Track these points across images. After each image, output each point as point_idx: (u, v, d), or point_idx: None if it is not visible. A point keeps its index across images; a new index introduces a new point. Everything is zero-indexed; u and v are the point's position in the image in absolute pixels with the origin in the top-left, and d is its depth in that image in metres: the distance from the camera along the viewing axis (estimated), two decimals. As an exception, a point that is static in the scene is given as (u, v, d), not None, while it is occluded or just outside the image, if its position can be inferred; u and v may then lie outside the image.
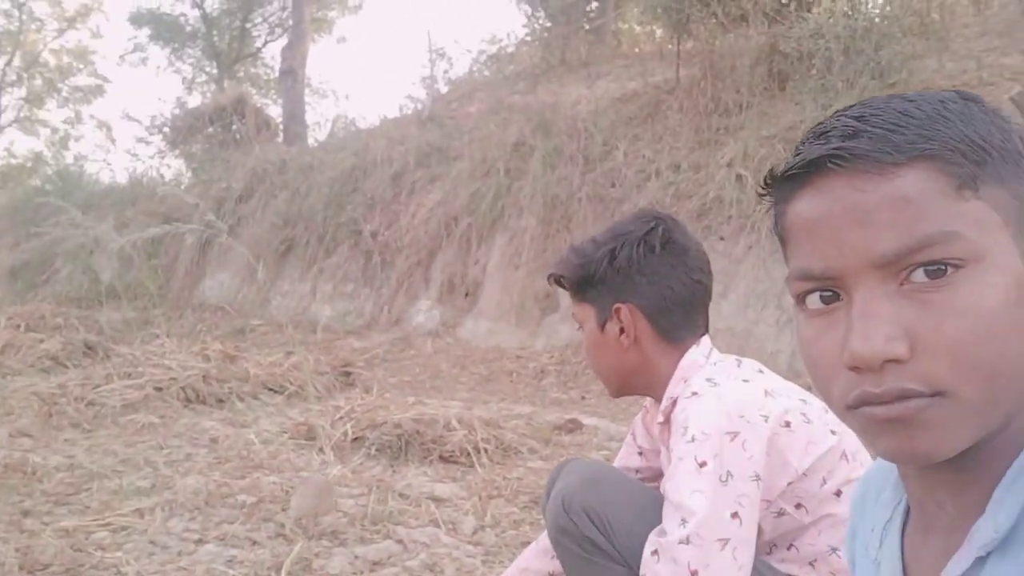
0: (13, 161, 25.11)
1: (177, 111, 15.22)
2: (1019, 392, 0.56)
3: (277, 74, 19.93)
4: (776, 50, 7.13)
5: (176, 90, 27.61)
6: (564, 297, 6.62)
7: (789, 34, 6.73)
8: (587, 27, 12.17)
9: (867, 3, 7.15)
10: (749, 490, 1.18)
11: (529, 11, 14.02)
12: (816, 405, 1.33)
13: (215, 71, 21.04)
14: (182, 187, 11.43)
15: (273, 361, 5.40)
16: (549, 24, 13.00)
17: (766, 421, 1.23)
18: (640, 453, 1.64)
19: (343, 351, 6.62)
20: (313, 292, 8.54)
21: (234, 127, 12.61)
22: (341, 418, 3.85)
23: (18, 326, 7.09)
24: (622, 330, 1.41)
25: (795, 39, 6.59)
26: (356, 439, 3.65)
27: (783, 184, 0.62)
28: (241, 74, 21.41)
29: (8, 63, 24.48)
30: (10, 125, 25.25)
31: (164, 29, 20.30)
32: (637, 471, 1.64)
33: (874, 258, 0.56)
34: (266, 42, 21.63)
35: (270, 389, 4.99)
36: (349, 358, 6.03)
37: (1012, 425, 0.58)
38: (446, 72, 13.86)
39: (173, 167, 14.74)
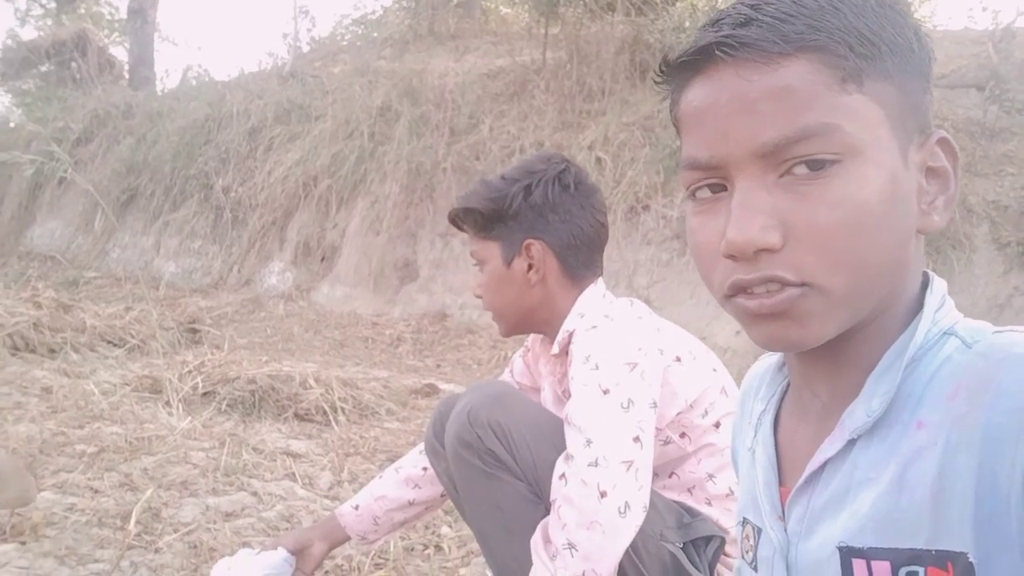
0: None
1: (10, 43, 13.91)
2: (888, 284, 0.60)
3: (123, 14, 18.63)
4: (640, 40, 7.39)
5: (7, 21, 25.17)
6: (424, 266, 6.66)
7: (653, 26, 6.99)
8: (455, 1, 12.12)
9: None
10: (647, 416, 1.24)
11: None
12: (699, 346, 1.43)
13: (52, 5, 19.34)
14: (11, 126, 10.49)
15: (112, 313, 5.09)
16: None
17: (661, 354, 1.31)
18: (520, 385, 1.69)
19: (189, 308, 6.34)
20: (157, 246, 8.10)
21: (74, 65, 11.66)
22: (190, 372, 3.70)
23: None
24: (530, 266, 1.43)
25: (658, 31, 6.85)
26: (206, 394, 3.52)
27: (677, 72, 0.62)
28: (82, 10, 19.79)
29: None
30: None
31: (-7, -48, 18.46)
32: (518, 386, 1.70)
33: (755, 148, 0.57)
34: (111, -22, 20.11)
35: (109, 342, 4.72)
36: (195, 315, 5.78)
37: (885, 315, 0.62)
38: (309, 31, 13.44)
39: (2, 103, 13.50)
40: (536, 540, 1.24)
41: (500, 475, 1.35)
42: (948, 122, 5.54)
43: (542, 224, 1.43)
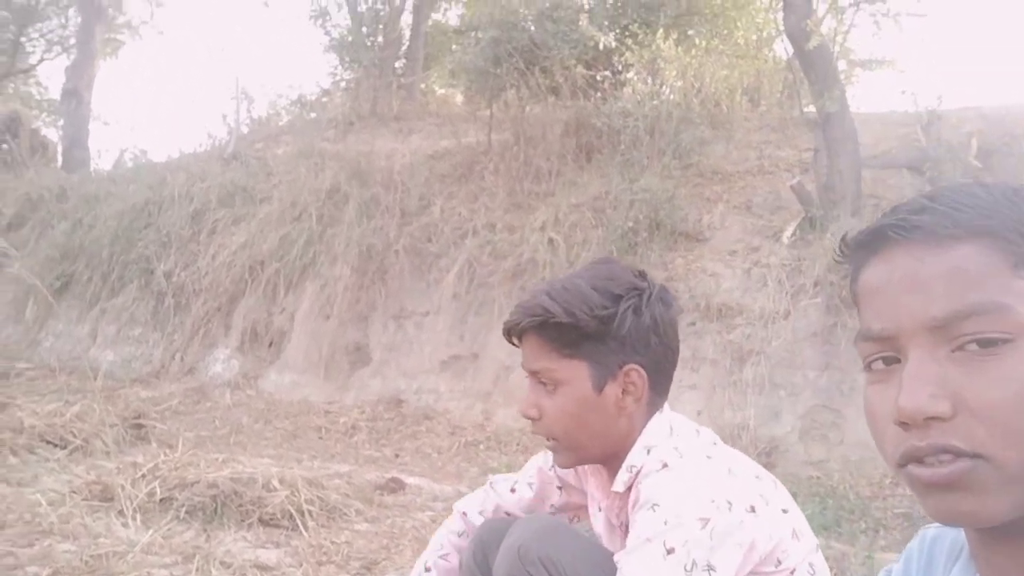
0: None
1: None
2: None
3: (53, 94, 18.35)
4: (584, 123, 7.56)
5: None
6: (376, 350, 6.54)
7: (601, 110, 7.17)
8: (396, 83, 12.28)
9: (667, 89, 7.80)
10: None
11: (336, 61, 13.94)
12: (766, 479, 1.33)
13: (-21, 83, 18.94)
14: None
15: (52, 410, 4.82)
16: (356, 76, 13.00)
17: (730, 509, 1.21)
18: (560, 487, 1.60)
19: (130, 401, 6.06)
20: (93, 335, 7.78)
21: (4, 147, 11.35)
22: (143, 476, 3.50)
23: None
24: (624, 392, 1.32)
25: (606, 115, 7.02)
26: (163, 500, 3.33)
27: (856, 252, 0.68)
28: (11, 90, 19.42)
29: None
30: None
31: (-79, 32, 18.06)
32: (553, 506, 1.61)
33: (926, 321, 0.60)
34: (42, 59, 19.83)
35: (49, 442, 4.45)
36: (140, 408, 5.52)
37: None
38: (248, 112, 13.41)
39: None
40: None
41: None
42: (884, 201, 5.76)
43: (643, 347, 1.32)
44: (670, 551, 1.15)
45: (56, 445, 4.42)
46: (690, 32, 8.25)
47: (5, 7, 17.91)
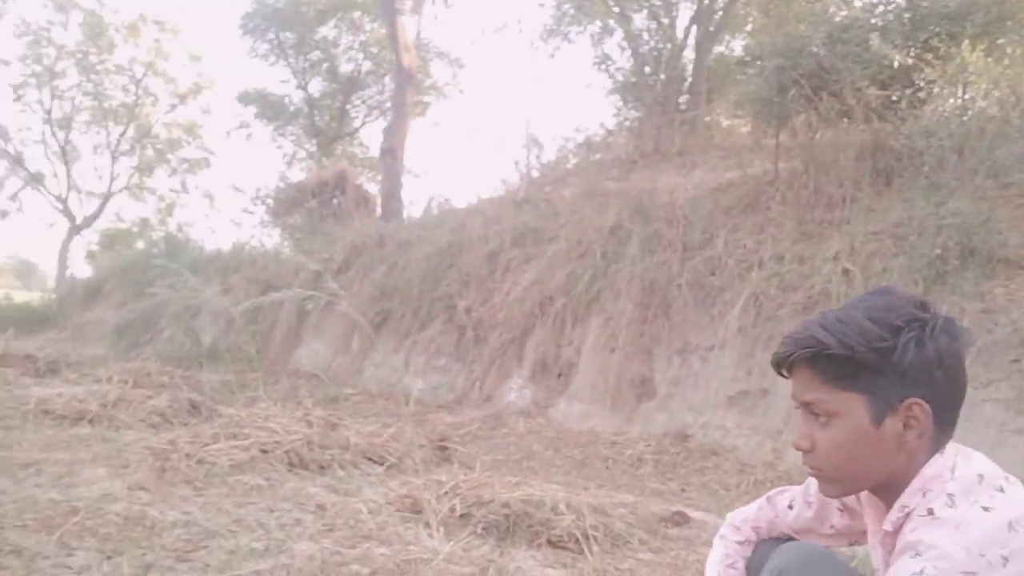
0: (121, 225, 26.51)
1: (281, 184, 15.95)
2: None
3: (373, 152, 20.81)
4: (881, 146, 7.07)
5: (277, 165, 28.98)
6: (661, 384, 6.56)
7: (900, 131, 6.67)
8: (679, 119, 12.35)
9: (977, 104, 7.06)
10: None
11: (620, 102, 14.36)
12: None
13: (314, 148, 22.02)
14: (282, 257, 11.85)
15: (372, 431, 5.43)
16: (639, 115, 13.28)
17: (1004, 565, 1.12)
18: (842, 509, 1.55)
19: (436, 425, 6.63)
20: (406, 364, 8.64)
21: (335, 201, 13.10)
22: (446, 493, 3.83)
23: (127, 382, 7.37)
24: (905, 427, 1.27)
25: (906, 136, 6.52)
26: (463, 516, 3.61)
27: None
28: (339, 152, 22.34)
29: (123, 134, 26.17)
30: (120, 191, 26.78)
31: (269, 108, 21.44)
32: (833, 527, 1.57)
33: None
34: (363, 123, 22.64)
35: (370, 459, 5.01)
36: (444, 432, 6.03)
37: None
38: (538, 157, 14.23)
39: (273, 237, 15.36)
40: None
41: None
42: None
43: (925, 380, 1.26)
44: None
45: (375, 461, 4.97)
46: (1000, 40, 7.41)
47: (333, 79, 20.70)
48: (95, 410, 5.86)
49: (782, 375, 1.36)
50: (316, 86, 21.49)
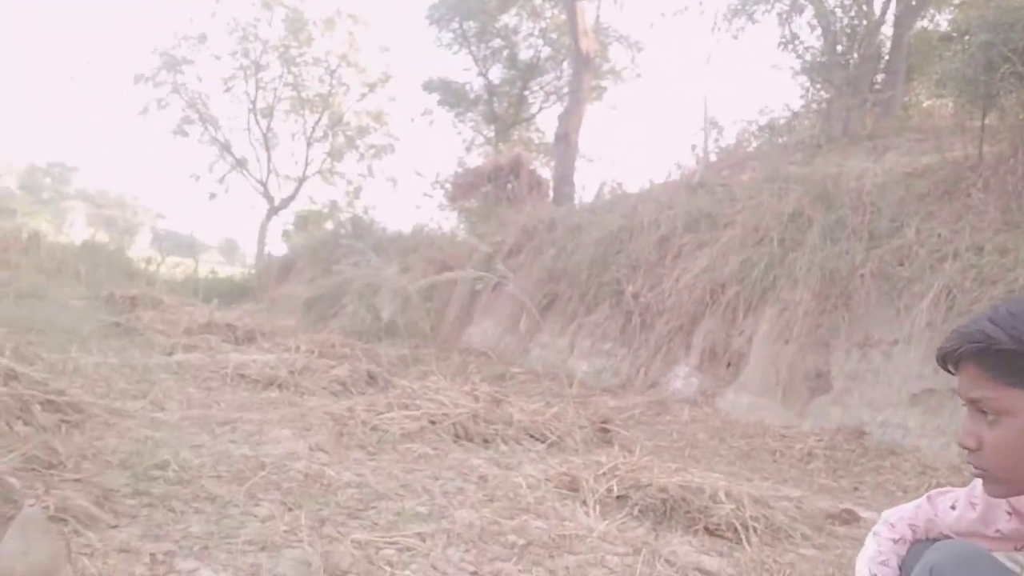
0: (314, 207, 28.34)
1: (459, 169, 16.49)
2: None
3: (549, 138, 21.02)
4: (1108, 126, 6.33)
5: (456, 150, 29.93)
6: (838, 378, 6.24)
7: None
8: (872, 100, 11.59)
9: None
10: None
11: (807, 83, 13.66)
12: None
13: (492, 134, 22.54)
14: (458, 239, 12.26)
15: (535, 409, 5.54)
16: (828, 96, 12.57)
17: None
18: (1011, 512, 1.46)
19: (599, 407, 6.65)
20: (571, 347, 8.71)
21: (509, 186, 13.37)
22: (604, 474, 3.85)
23: (313, 352, 7.91)
24: None
25: None
26: (620, 497, 3.62)
27: None
28: (515, 137, 22.74)
29: (318, 121, 27.93)
30: (313, 175, 28.62)
31: (451, 95, 22.12)
32: (999, 531, 1.48)
33: None
34: (540, 108, 22.90)
35: (532, 436, 5.12)
36: (606, 415, 6.04)
37: None
38: (716, 141, 13.83)
39: (451, 220, 15.92)
40: None
41: None
42: None
43: None
44: None
45: (537, 439, 5.07)
46: None
47: (513, 66, 21.06)
48: (284, 376, 6.34)
49: (948, 371, 1.30)
50: (496, 73, 21.98)
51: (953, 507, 1.53)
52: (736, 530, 3.31)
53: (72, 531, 2.52)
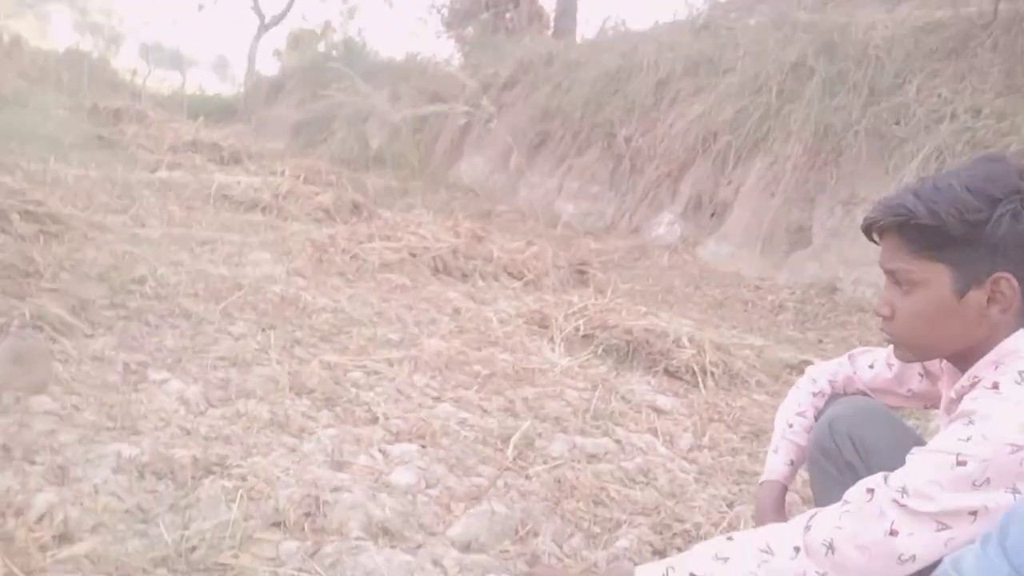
0: (306, 26, 27.23)
1: (457, -6, 15.73)
2: None
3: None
4: None
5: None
6: (819, 234, 6.29)
7: None
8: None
9: None
10: (1003, 501, 1.06)
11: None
12: None
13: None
14: (452, 69, 11.89)
15: (515, 248, 5.60)
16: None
17: None
18: (923, 374, 1.55)
19: (580, 250, 6.73)
20: (559, 188, 8.68)
21: (508, 15, 12.83)
22: (574, 313, 3.95)
23: (298, 176, 7.85)
24: (989, 301, 1.22)
25: None
26: (586, 336, 3.74)
27: None
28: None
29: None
30: (308, -9, 27.29)
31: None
32: (911, 391, 1.57)
33: None
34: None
35: (509, 273, 5.21)
36: (586, 257, 6.12)
37: None
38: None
39: (446, 48, 15.37)
40: (798, 520, 1.19)
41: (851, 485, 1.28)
42: None
43: (1018, 256, 1.20)
44: (961, 463, 1.07)
45: (514, 276, 5.16)
46: None
47: None
48: (267, 200, 6.35)
49: (873, 241, 1.32)
50: None
51: (871, 366, 1.62)
52: (695, 373, 3.44)
53: (48, 338, 2.59)
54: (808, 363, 4.05)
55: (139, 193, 5.84)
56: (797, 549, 1.15)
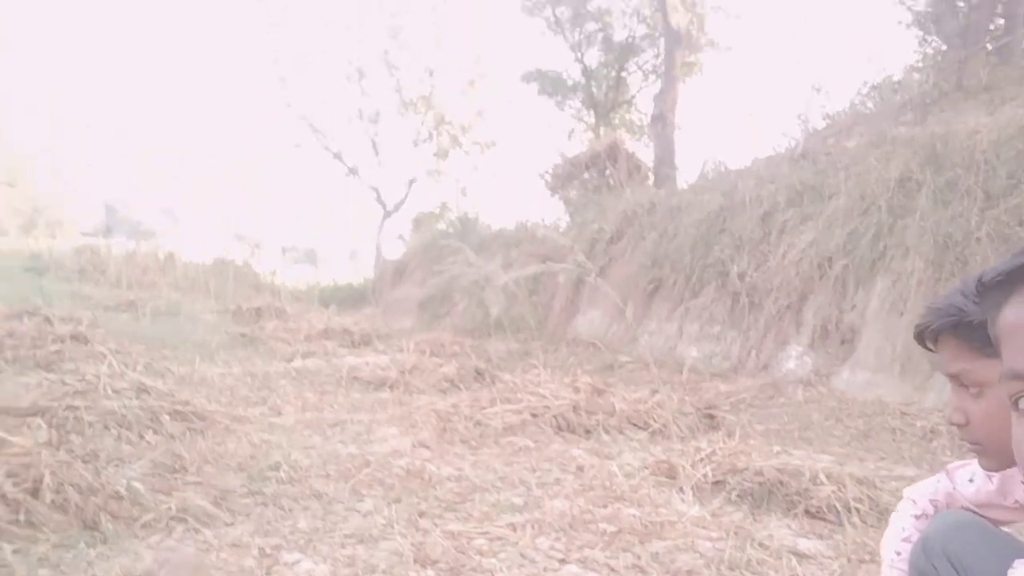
0: (424, 209, 28.98)
1: (558, 160, 16.51)
2: None
3: (649, 119, 20.73)
4: None
5: (559, 140, 30.03)
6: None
7: None
8: (989, 48, 10.88)
9: None
10: None
11: (921, 35, 12.95)
12: None
13: (593, 120, 22.43)
14: (560, 230, 12.30)
15: (638, 398, 5.55)
16: (944, 47, 11.88)
17: None
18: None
19: (708, 393, 6.57)
20: (679, 332, 8.61)
21: (608, 172, 13.30)
22: (702, 459, 3.83)
23: (424, 351, 8.16)
24: None
25: None
26: (717, 482, 3.60)
27: (993, 291, 0.65)
28: (616, 121, 22.54)
29: (421, 123, 28.50)
30: (422, 177, 29.25)
31: (549, 84, 22.14)
32: (1018, 502, 1.45)
33: None
34: (640, 88, 22.62)
35: (634, 424, 5.14)
36: (714, 400, 5.97)
37: None
38: (823, 107, 13.28)
39: (554, 212, 15.97)
40: None
41: None
42: None
43: None
44: None
45: (639, 427, 5.08)
46: None
47: (608, 48, 20.90)
48: (395, 376, 6.59)
49: (928, 349, 1.28)
50: (592, 57, 21.85)
51: (971, 480, 1.52)
52: (838, 512, 3.24)
53: (191, 529, 2.74)
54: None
55: (276, 384, 6.20)
56: None
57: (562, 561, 2.64)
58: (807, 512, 3.29)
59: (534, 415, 5.02)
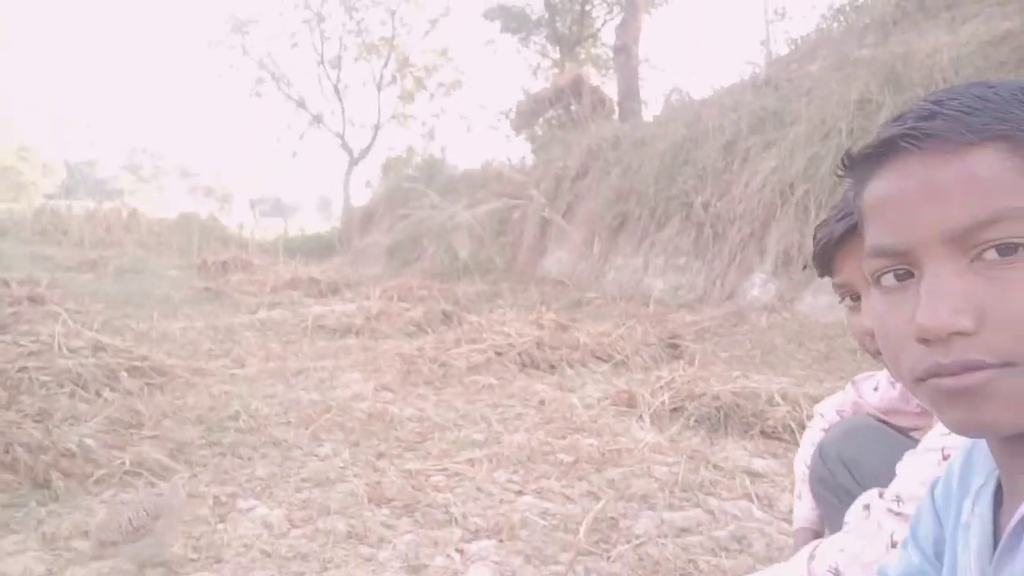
0: (391, 154, 28.64)
1: (521, 98, 16.30)
2: None
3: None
4: None
5: (525, 78, 29.55)
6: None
7: None
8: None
9: None
10: None
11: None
12: None
13: (558, 55, 22.11)
14: (526, 168, 12.20)
15: (602, 331, 5.57)
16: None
17: None
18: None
19: (673, 324, 6.61)
20: (645, 266, 8.63)
21: (572, 108, 13.14)
22: (661, 387, 3.87)
23: (391, 297, 8.13)
24: None
25: None
26: (675, 409, 3.64)
27: (861, 165, 0.63)
28: (583, 56, 22.25)
29: (384, 66, 27.95)
30: (388, 121, 28.82)
31: (512, 20, 21.74)
32: (919, 405, 1.49)
33: (943, 232, 0.57)
34: (605, 22, 22.27)
35: (598, 358, 5.17)
36: (678, 331, 6.01)
37: None
38: (787, 32, 13.18)
39: (520, 150, 15.83)
40: (802, 553, 1.18)
41: None
42: None
43: None
44: (946, 456, 1.06)
45: (603, 360, 5.11)
46: None
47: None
48: (360, 323, 6.57)
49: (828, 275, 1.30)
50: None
51: (876, 388, 1.56)
52: (793, 431, 3.28)
53: (147, 482, 2.73)
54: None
55: (240, 336, 6.15)
56: None
57: (518, 493, 2.66)
58: (763, 433, 3.35)
59: (498, 353, 5.03)
